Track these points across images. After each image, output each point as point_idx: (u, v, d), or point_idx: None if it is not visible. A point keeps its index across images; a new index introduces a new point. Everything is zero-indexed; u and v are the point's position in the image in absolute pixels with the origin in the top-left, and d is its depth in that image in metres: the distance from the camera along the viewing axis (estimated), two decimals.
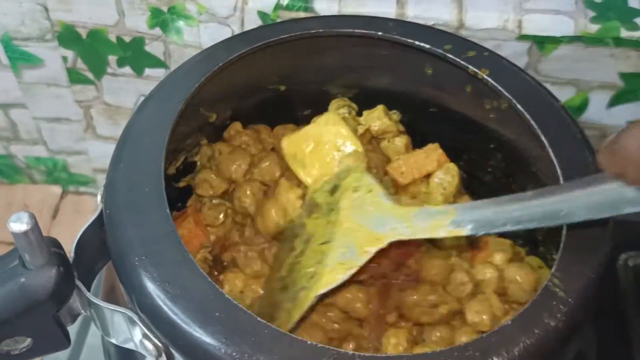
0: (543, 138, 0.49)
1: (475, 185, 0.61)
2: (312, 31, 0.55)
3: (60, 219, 0.95)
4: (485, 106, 0.55)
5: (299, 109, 0.61)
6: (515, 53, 0.71)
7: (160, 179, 0.44)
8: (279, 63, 0.57)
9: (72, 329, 0.66)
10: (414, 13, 0.69)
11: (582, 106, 0.76)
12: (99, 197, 0.46)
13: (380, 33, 0.55)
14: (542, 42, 0.70)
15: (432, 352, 0.39)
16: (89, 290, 0.44)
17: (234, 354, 0.37)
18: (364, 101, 0.61)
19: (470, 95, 0.55)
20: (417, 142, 0.61)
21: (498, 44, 0.70)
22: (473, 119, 0.57)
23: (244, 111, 0.59)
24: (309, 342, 0.38)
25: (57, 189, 0.97)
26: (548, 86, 0.65)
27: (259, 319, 0.39)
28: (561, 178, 0.47)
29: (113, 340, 0.45)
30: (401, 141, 0.58)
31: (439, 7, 0.69)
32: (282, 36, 0.54)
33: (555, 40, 0.70)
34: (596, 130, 0.78)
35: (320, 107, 0.59)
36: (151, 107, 0.49)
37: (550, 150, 0.48)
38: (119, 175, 0.45)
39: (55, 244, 0.42)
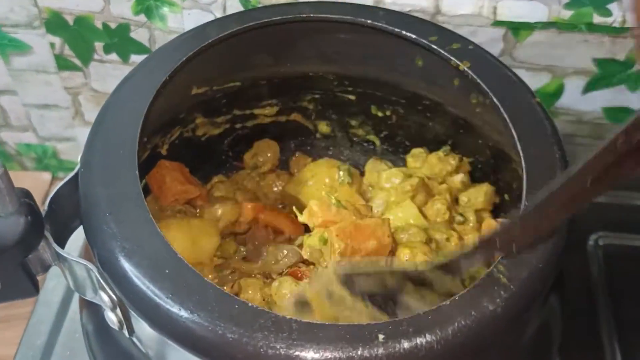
0: (514, 132, 0.50)
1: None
2: (303, 15, 0.56)
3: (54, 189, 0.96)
4: (471, 100, 0.56)
5: (283, 94, 0.63)
6: (491, 39, 0.72)
7: (134, 142, 0.46)
8: (272, 44, 0.59)
9: (54, 304, 0.68)
10: (391, 2, 0.70)
11: (558, 92, 0.77)
12: (79, 158, 0.48)
13: (369, 21, 0.56)
14: (517, 29, 0.72)
15: (366, 324, 0.39)
16: (63, 247, 0.46)
17: (178, 309, 0.39)
18: (357, 91, 0.62)
19: (458, 89, 0.56)
20: (410, 135, 0.62)
21: (474, 30, 0.72)
22: (462, 113, 0.58)
23: (232, 92, 0.61)
24: (249, 304, 0.40)
25: (47, 176, 0.99)
26: (523, 72, 0.67)
27: (206, 279, 0.40)
28: (524, 172, 0.47)
29: (82, 295, 0.47)
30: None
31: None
32: (274, 18, 0.56)
33: (529, 27, 0.71)
34: (572, 116, 0.79)
35: (300, 93, 0.61)
36: (138, 76, 0.51)
37: (518, 145, 0.49)
38: (98, 138, 0.48)
39: (27, 194, 0.44)
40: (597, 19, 0.70)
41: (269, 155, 0.70)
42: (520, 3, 0.70)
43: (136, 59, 0.82)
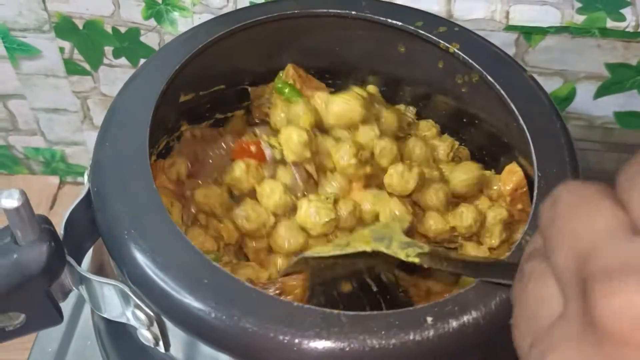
0: (513, 107, 0.51)
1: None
2: (289, 12, 0.56)
3: (58, 209, 0.96)
4: (457, 81, 0.57)
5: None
6: (503, 44, 0.72)
7: (145, 156, 0.46)
8: (258, 44, 0.59)
9: (66, 309, 0.68)
10: (401, 2, 0.70)
11: (570, 97, 0.77)
12: (85, 177, 0.48)
13: (353, 12, 0.57)
14: (529, 33, 0.72)
15: (413, 309, 0.40)
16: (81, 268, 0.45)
17: (224, 317, 0.39)
18: (341, 80, 0.63)
19: (443, 71, 0.57)
20: None
21: (486, 34, 0.71)
22: (446, 94, 0.59)
23: (223, 93, 0.61)
24: (295, 304, 0.40)
25: (55, 180, 0.99)
26: (535, 77, 0.67)
27: (246, 283, 0.40)
28: (531, 145, 0.48)
29: (105, 315, 0.47)
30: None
31: None
32: (259, 17, 0.56)
33: (542, 31, 0.71)
34: (583, 120, 0.79)
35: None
36: (135, 87, 0.51)
37: (520, 119, 0.50)
38: (105, 154, 0.47)
39: (46, 221, 0.43)
40: (610, 23, 0.70)
41: None
42: (533, 7, 0.70)
43: None
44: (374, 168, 0.54)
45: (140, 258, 0.41)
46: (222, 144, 0.57)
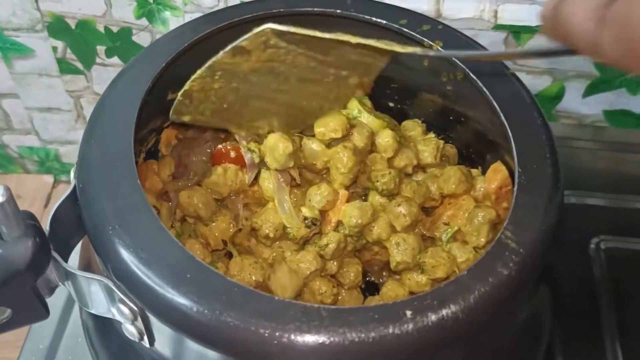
0: (495, 104, 0.51)
1: None
2: (274, 10, 0.57)
3: (52, 207, 0.96)
4: (442, 79, 0.57)
5: None
6: (492, 43, 0.72)
7: (130, 153, 0.46)
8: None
9: (57, 306, 0.68)
10: (388, 2, 0.71)
11: (559, 95, 0.78)
12: (72, 173, 0.48)
13: (338, 11, 0.57)
14: (518, 32, 0.72)
15: (393, 303, 0.40)
16: (66, 263, 0.46)
17: (206, 312, 0.39)
18: None
19: (428, 69, 0.58)
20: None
21: (475, 33, 0.72)
22: (432, 92, 0.59)
23: None
24: (277, 298, 0.40)
25: (49, 179, 0.99)
26: (524, 75, 0.68)
27: (229, 278, 0.41)
28: (512, 141, 0.49)
29: (92, 311, 0.47)
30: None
31: None
32: (246, 16, 0.56)
33: (530, 30, 0.72)
34: (572, 119, 0.80)
35: None
36: (121, 85, 0.51)
37: (501, 115, 0.50)
38: (91, 151, 0.47)
39: (31, 216, 0.43)
40: None
41: None
42: (521, 6, 0.71)
43: None
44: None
45: (124, 253, 0.41)
46: (207, 149, 0.57)
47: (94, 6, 0.78)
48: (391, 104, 0.63)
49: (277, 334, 0.39)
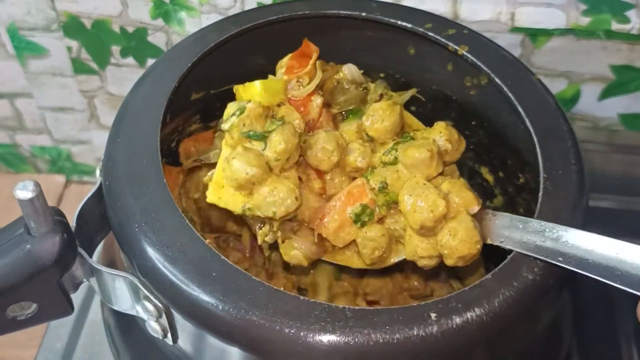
0: (520, 109, 0.51)
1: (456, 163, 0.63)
2: (299, 13, 0.57)
3: (64, 208, 0.95)
4: (466, 83, 0.57)
5: None
6: (509, 45, 0.72)
7: (156, 151, 0.46)
8: (268, 44, 0.59)
9: (75, 305, 0.68)
10: (409, 4, 0.71)
11: (574, 98, 0.78)
12: (97, 172, 0.48)
13: (364, 14, 0.57)
14: (535, 35, 0.72)
15: (417, 305, 0.40)
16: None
17: (231, 310, 0.39)
18: None
19: (452, 73, 0.58)
20: None
21: (492, 36, 0.72)
22: (455, 96, 0.59)
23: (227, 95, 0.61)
24: (301, 298, 0.40)
25: (61, 178, 0.99)
26: (541, 78, 0.67)
27: (254, 277, 0.41)
28: (537, 146, 0.49)
29: (115, 307, 0.47)
30: None
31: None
32: (270, 18, 0.56)
33: (547, 33, 0.72)
34: (588, 122, 0.80)
35: None
36: (147, 85, 0.51)
37: (527, 121, 0.50)
38: (117, 150, 0.48)
39: (59, 213, 0.44)
40: (615, 25, 0.70)
41: None
42: (538, 9, 0.71)
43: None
44: None
45: (150, 251, 0.42)
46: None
47: (110, 6, 0.78)
48: (413, 108, 0.63)
49: (301, 333, 0.39)
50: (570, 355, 0.60)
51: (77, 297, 0.70)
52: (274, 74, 0.59)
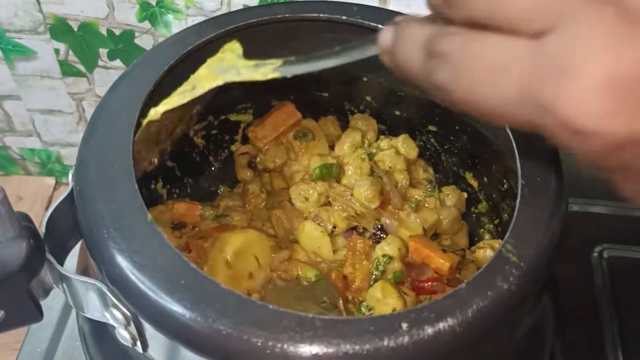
0: None
1: (440, 168, 0.63)
2: (279, 16, 0.56)
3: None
4: None
5: (267, 94, 0.63)
6: None
7: (129, 157, 0.45)
8: (248, 47, 0.58)
9: (55, 309, 0.68)
10: (395, 8, 0.70)
11: None
12: (69, 176, 0.48)
13: (344, 17, 0.57)
14: None
15: (389, 315, 0.40)
16: (61, 266, 0.45)
17: (199, 319, 0.39)
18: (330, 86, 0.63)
19: None
20: (388, 127, 0.63)
21: None
22: (438, 102, 0.59)
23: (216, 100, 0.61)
24: (270, 307, 0.39)
25: (50, 181, 0.99)
26: None
27: (222, 285, 0.40)
28: (516, 151, 0.48)
29: (86, 314, 0.47)
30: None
31: (420, 3, 0.70)
32: (250, 21, 0.55)
33: None
34: None
35: (285, 93, 0.61)
36: (122, 89, 0.51)
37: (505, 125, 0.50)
38: (90, 153, 0.47)
39: (26, 218, 0.43)
40: None
41: None
42: None
43: None
44: None
45: (119, 258, 0.41)
46: None
47: (97, 9, 0.78)
48: (397, 113, 0.62)
49: (270, 343, 0.38)
50: None
51: (57, 302, 0.70)
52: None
